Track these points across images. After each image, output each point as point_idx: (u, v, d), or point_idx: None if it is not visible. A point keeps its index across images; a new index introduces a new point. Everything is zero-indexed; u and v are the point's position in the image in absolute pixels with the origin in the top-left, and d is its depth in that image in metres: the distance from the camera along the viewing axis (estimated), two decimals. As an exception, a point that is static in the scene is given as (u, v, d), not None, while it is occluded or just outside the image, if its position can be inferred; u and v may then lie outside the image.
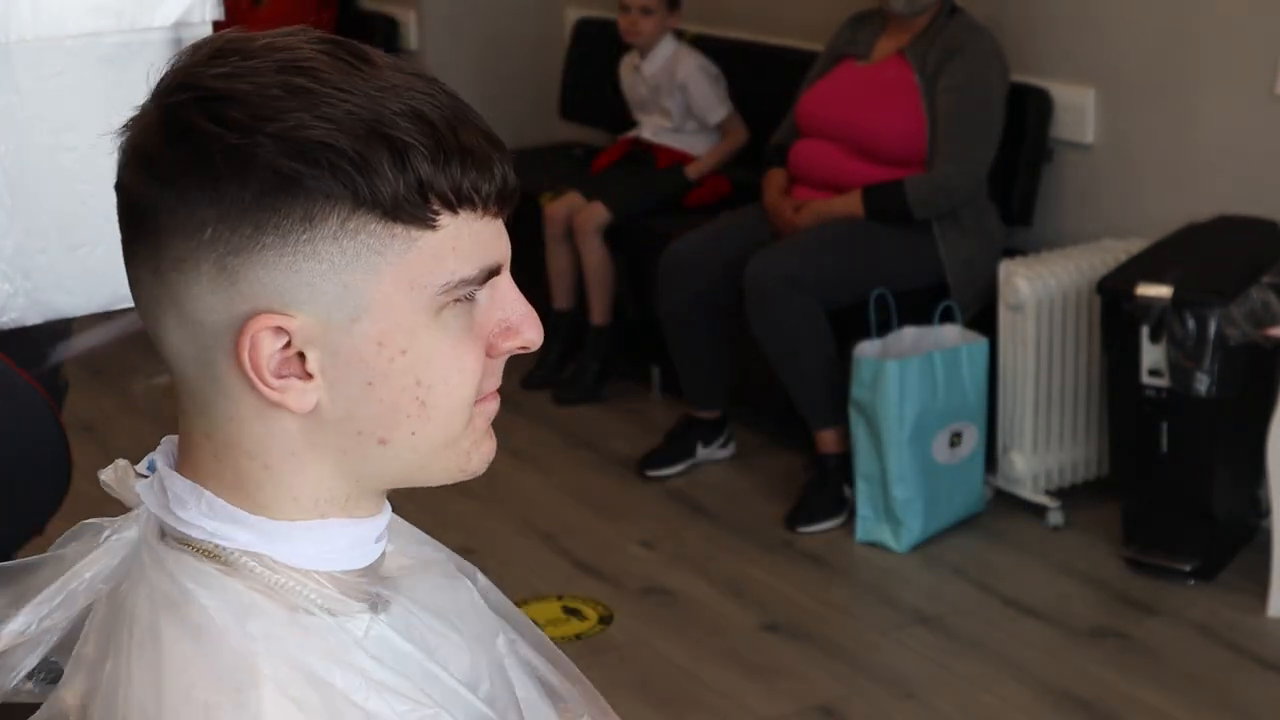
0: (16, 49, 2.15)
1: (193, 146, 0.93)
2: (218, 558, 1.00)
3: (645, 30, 4.83)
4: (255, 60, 0.95)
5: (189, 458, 1.02)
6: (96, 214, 2.25)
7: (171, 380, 1.03)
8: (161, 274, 0.96)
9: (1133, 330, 3.56)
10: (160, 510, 1.03)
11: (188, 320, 0.96)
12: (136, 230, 0.97)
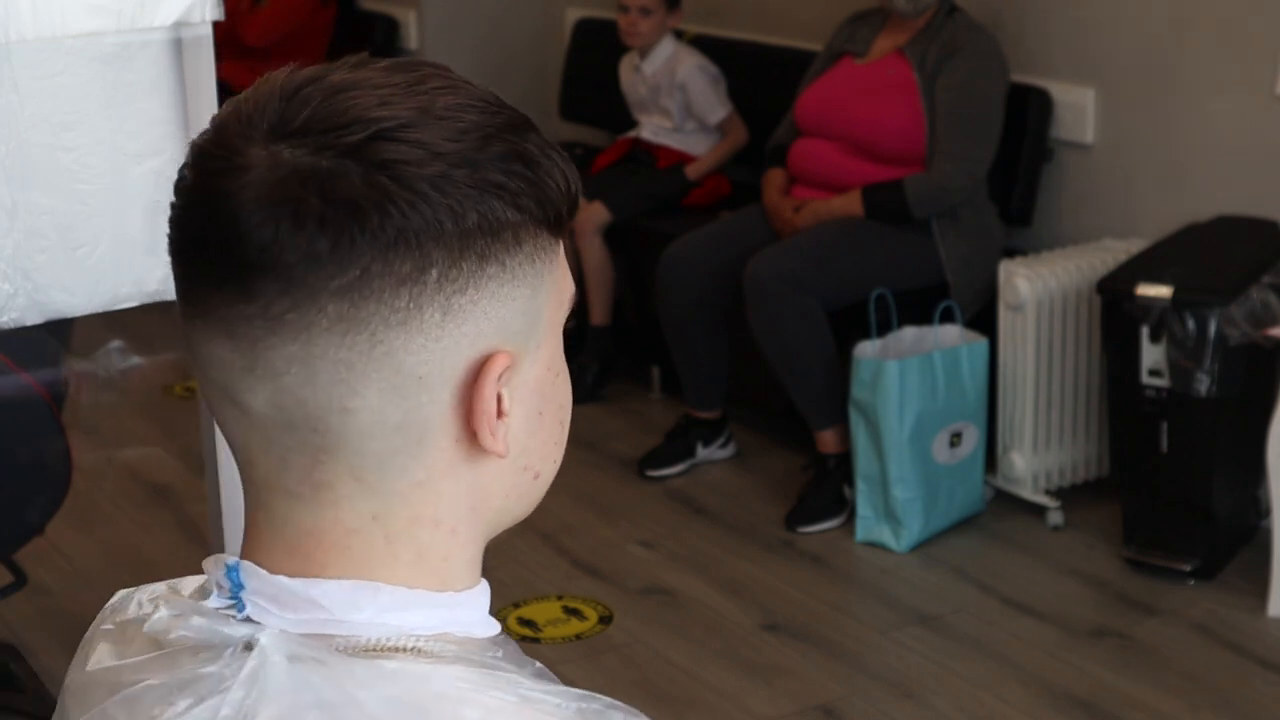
0: (16, 49, 2.15)
1: (399, 184, 0.80)
2: (419, 651, 0.86)
3: (644, 30, 4.83)
4: (359, 90, 0.83)
5: (335, 554, 0.86)
6: (96, 214, 2.25)
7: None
8: (374, 338, 0.81)
9: (1133, 330, 3.56)
10: (317, 626, 0.85)
11: (404, 381, 0.83)
12: (313, 303, 0.81)
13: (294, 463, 0.85)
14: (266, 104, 0.83)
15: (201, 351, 0.85)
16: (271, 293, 0.81)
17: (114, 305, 2.31)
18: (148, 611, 0.90)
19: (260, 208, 0.80)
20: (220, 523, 2.41)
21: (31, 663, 3.44)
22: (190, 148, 0.85)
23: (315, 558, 0.86)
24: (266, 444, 0.85)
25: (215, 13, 2.22)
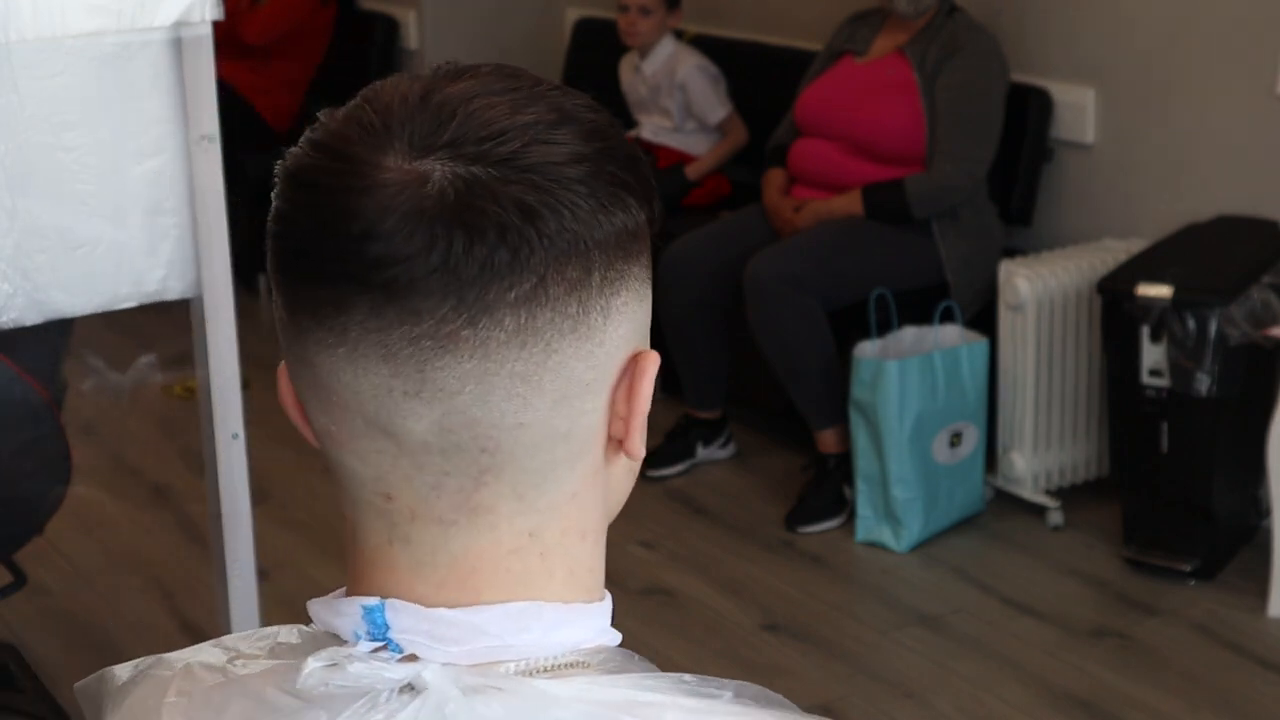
0: (16, 49, 2.15)
1: (561, 187, 0.79)
2: (586, 665, 0.84)
3: (644, 30, 4.83)
4: (488, 97, 0.81)
5: (494, 578, 0.83)
6: (96, 214, 2.25)
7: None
8: (549, 347, 0.79)
9: (1133, 330, 3.56)
10: (482, 655, 0.82)
11: (574, 389, 0.81)
12: (491, 316, 0.78)
13: (449, 488, 0.81)
14: (398, 117, 0.79)
15: (340, 382, 0.80)
16: (445, 310, 0.77)
17: (113, 305, 2.31)
18: (213, 675, 0.86)
19: (428, 224, 0.76)
20: (220, 523, 2.41)
21: (31, 663, 3.44)
22: (295, 166, 0.81)
23: (471, 584, 0.83)
24: (416, 472, 0.81)
25: (215, 13, 2.23)
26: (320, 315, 0.80)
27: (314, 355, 0.81)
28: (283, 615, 3.66)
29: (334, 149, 0.79)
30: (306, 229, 0.79)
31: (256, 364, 5.06)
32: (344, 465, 0.84)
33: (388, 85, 0.82)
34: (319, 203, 0.79)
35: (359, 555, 0.86)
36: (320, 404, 0.83)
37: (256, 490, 2.60)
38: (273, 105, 6.01)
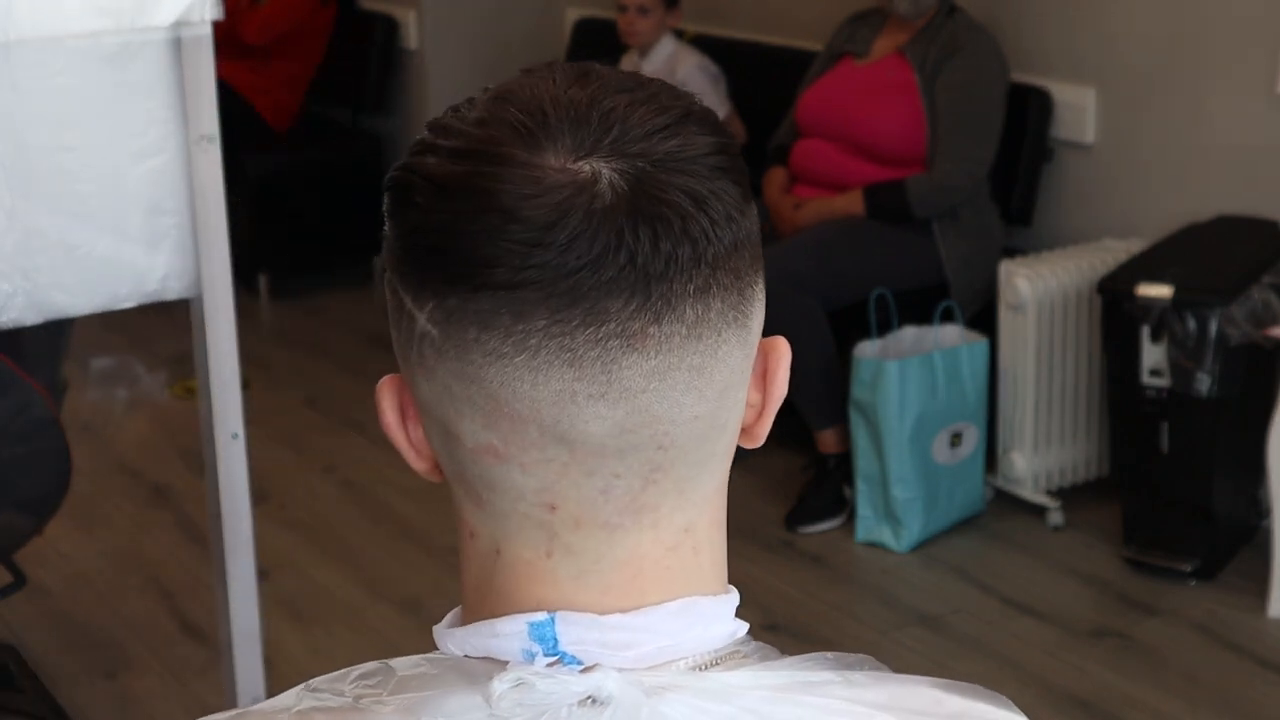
0: (16, 49, 2.15)
1: (726, 180, 0.79)
2: (744, 655, 0.85)
3: (643, 30, 4.83)
4: (621, 95, 0.80)
5: (656, 577, 0.83)
6: (96, 214, 2.25)
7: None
8: (720, 337, 0.80)
9: (1133, 330, 3.56)
10: (653, 656, 0.81)
11: (736, 378, 0.82)
12: (673, 312, 0.78)
13: (618, 490, 0.80)
14: (552, 118, 0.78)
15: (515, 392, 0.78)
16: (632, 308, 0.76)
17: (113, 305, 2.31)
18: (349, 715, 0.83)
19: (611, 222, 0.76)
20: (220, 523, 2.41)
21: (31, 663, 3.44)
22: (443, 175, 0.78)
23: (636, 586, 0.82)
24: (585, 478, 0.80)
25: (215, 13, 2.22)
26: (493, 325, 0.77)
27: (483, 368, 0.78)
28: (283, 615, 3.68)
29: (488, 154, 0.77)
30: (471, 239, 0.76)
31: (256, 364, 5.08)
32: (500, 481, 0.81)
33: (519, 86, 0.80)
34: (484, 211, 0.76)
35: (506, 572, 0.84)
36: (484, 418, 0.80)
37: (256, 490, 2.60)
38: (273, 105, 6.01)
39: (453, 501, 0.86)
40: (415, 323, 0.79)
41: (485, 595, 0.85)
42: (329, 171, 6.03)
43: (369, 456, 4.52)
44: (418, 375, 0.81)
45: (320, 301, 5.88)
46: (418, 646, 3.05)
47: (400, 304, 0.81)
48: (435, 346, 0.79)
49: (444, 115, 0.81)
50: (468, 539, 0.86)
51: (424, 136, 0.80)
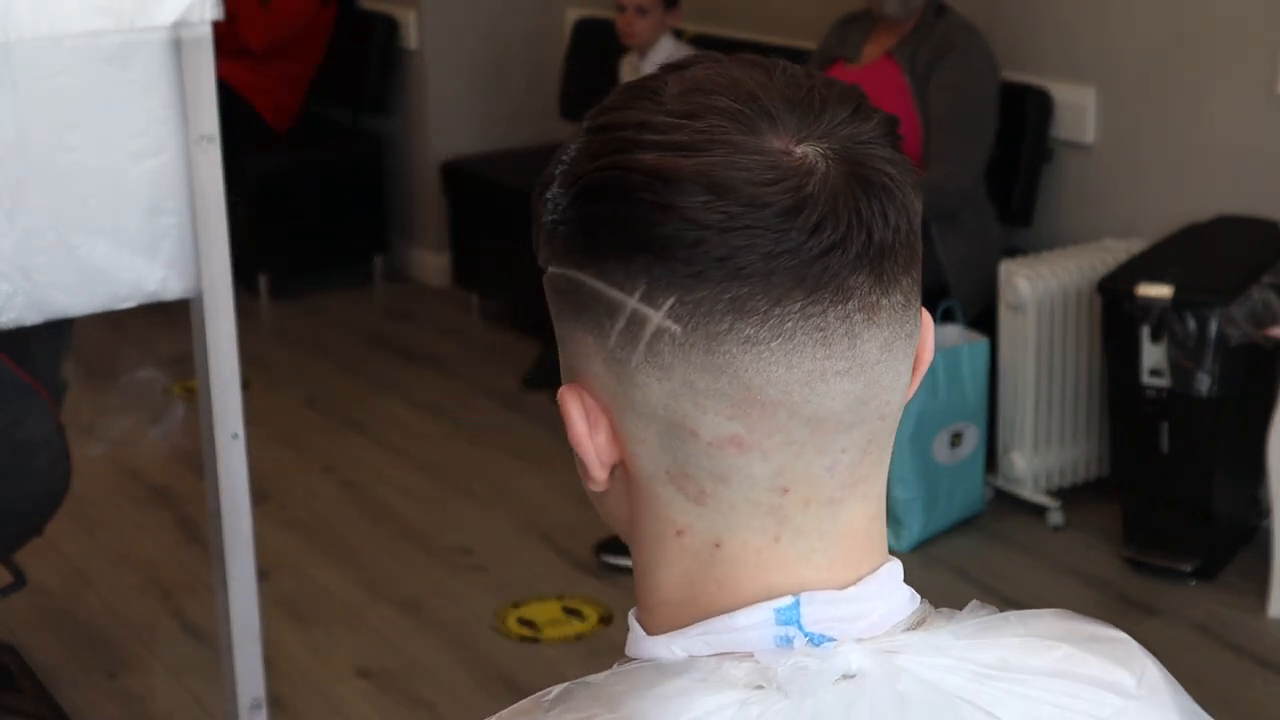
0: (16, 49, 2.14)
1: (898, 153, 0.82)
2: (924, 611, 0.87)
3: (641, 30, 4.82)
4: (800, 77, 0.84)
5: (866, 547, 0.85)
6: (96, 214, 2.25)
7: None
8: (910, 305, 0.82)
9: (1133, 330, 3.56)
10: (878, 623, 0.84)
11: (913, 345, 0.84)
12: (895, 284, 0.81)
13: (842, 465, 0.82)
14: (765, 106, 0.79)
15: (767, 377, 0.79)
16: (870, 283, 0.79)
17: (113, 305, 2.31)
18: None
19: (850, 203, 0.78)
20: (220, 523, 2.41)
21: (31, 663, 3.44)
22: (670, 169, 0.77)
23: (853, 558, 0.84)
24: (817, 456, 0.81)
25: (215, 13, 2.22)
26: (749, 313, 0.78)
27: (736, 357, 0.78)
28: (283, 615, 3.68)
29: (716, 143, 0.78)
30: (716, 229, 0.77)
31: (256, 364, 5.08)
32: (737, 471, 0.81)
33: (705, 78, 0.81)
34: (726, 200, 0.77)
35: (727, 565, 0.83)
36: (731, 408, 0.80)
37: (256, 490, 2.60)
38: (273, 105, 6.01)
39: (639, 505, 0.85)
40: (644, 324, 0.79)
41: (698, 593, 0.84)
42: (329, 171, 6.03)
43: (369, 456, 4.52)
44: (642, 377, 0.80)
45: (320, 301, 5.88)
46: (418, 646, 3.08)
47: (612, 309, 0.80)
48: (676, 342, 0.79)
49: (618, 114, 0.80)
50: (671, 539, 0.84)
51: (617, 135, 0.79)
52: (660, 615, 0.85)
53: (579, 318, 0.82)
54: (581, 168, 0.80)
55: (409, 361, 5.29)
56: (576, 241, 0.81)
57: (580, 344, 0.82)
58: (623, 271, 0.79)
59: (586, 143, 0.81)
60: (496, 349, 5.36)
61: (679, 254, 0.77)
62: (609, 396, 0.82)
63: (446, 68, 5.91)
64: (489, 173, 5.58)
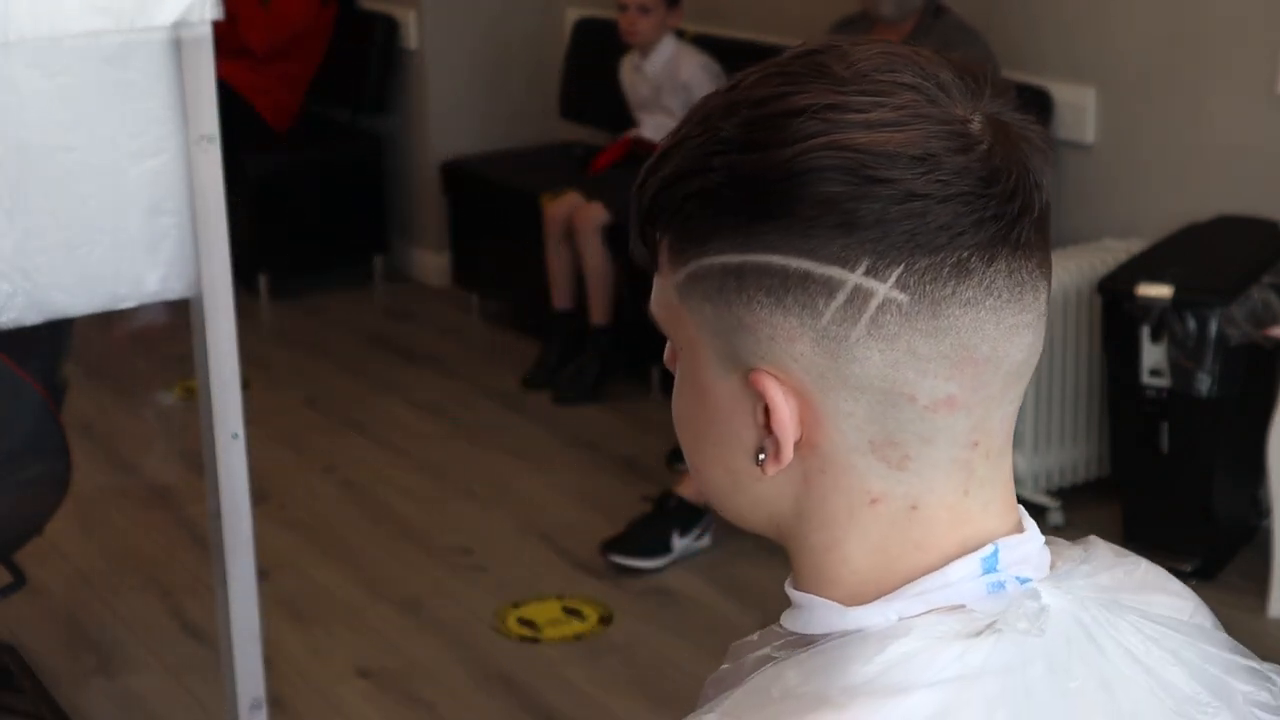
0: (16, 49, 2.14)
1: None
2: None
3: (643, 30, 4.82)
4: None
5: (1007, 493, 0.90)
6: (96, 214, 2.25)
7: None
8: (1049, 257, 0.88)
9: (1133, 330, 3.56)
10: (1044, 560, 0.90)
11: None
12: (1046, 239, 0.87)
13: (1009, 416, 0.88)
14: (942, 82, 0.83)
15: (983, 336, 0.84)
16: (1042, 240, 0.85)
17: (113, 305, 2.31)
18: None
19: (1038, 163, 0.84)
20: (220, 523, 2.41)
21: (31, 663, 3.44)
22: (904, 141, 0.81)
23: (1010, 503, 0.89)
24: (997, 408, 0.86)
25: (215, 13, 2.22)
26: (968, 276, 0.82)
27: (958, 319, 0.83)
28: (283, 615, 3.68)
29: (921, 116, 0.82)
30: (937, 199, 0.81)
31: (256, 364, 5.08)
32: (944, 431, 0.85)
33: (868, 62, 0.83)
34: (939, 171, 0.81)
35: (923, 525, 0.87)
36: (948, 370, 0.84)
37: (256, 490, 2.60)
38: (273, 105, 6.01)
39: (828, 480, 0.87)
40: (869, 298, 0.82)
41: (894, 557, 0.87)
42: (329, 171, 6.03)
43: (369, 456, 4.52)
44: (862, 351, 0.83)
45: (320, 301, 5.88)
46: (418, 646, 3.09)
47: (829, 287, 0.82)
48: (901, 312, 0.82)
49: (794, 99, 0.82)
50: (865, 509, 0.87)
51: (813, 118, 0.81)
52: (851, 586, 0.88)
53: (778, 302, 0.83)
54: (775, 155, 0.81)
55: (409, 361, 5.29)
56: (769, 226, 0.82)
57: (778, 328, 0.83)
58: (840, 249, 0.81)
59: (752, 129, 0.82)
60: (496, 349, 5.36)
61: (904, 225, 0.80)
62: (814, 375, 0.84)
63: (446, 68, 5.91)
64: (489, 173, 5.58)
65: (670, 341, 0.92)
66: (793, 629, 0.91)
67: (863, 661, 0.83)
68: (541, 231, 4.93)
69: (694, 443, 0.91)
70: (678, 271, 0.87)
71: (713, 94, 0.87)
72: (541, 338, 5.13)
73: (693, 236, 0.85)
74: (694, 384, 0.89)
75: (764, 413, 0.85)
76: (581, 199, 4.85)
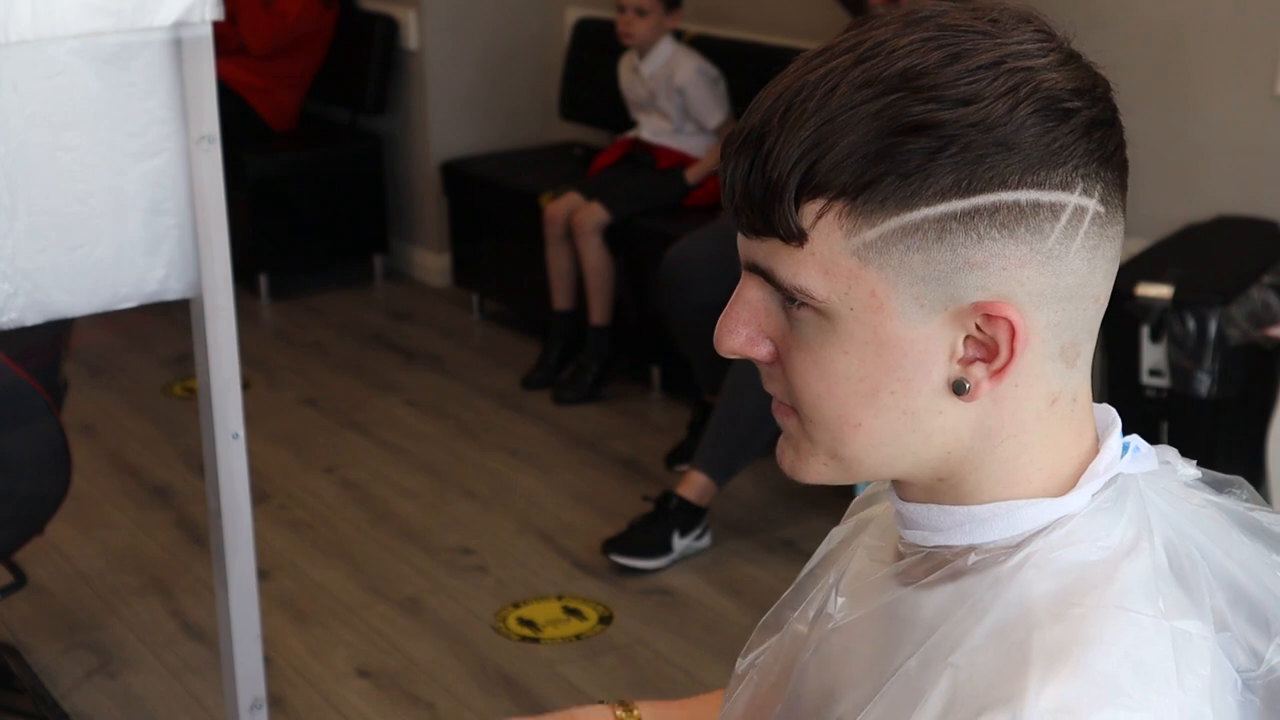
0: (16, 49, 2.14)
1: None
2: None
3: (640, 31, 4.82)
4: None
5: None
6: (96, 214, 2.25)
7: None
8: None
9: (1133, 330, 3.56)
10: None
11: None
12: None
13: None
14: (1029, 49, 1.00)
15: (1120, 237, 1.02)
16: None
17: (114, 305, 2.31)
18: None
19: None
20: (220, 523, 2.41)
21: (31, 663, 3.44)
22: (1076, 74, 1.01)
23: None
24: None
25: (215, 13, 2.22)
26: (1122, 185, 1.04)
27: (1120, 224, 1.02)
28: (283, 615, 3.68)
29: (1062, 50, 1.03)
30: (1109, 125, 1.03)
31: (256, 364, 5.08)
32: (1097, 327, 1.00)
33: (1007, 9, 1.00)
34: (1101, 104, 1.03)
35: (1083, 413, 1.01)
36: (1112, 269, 1.00)
37: (256, 490, 2.60)
38: (272, 104, 6.01)
39: (1020, 392, 0.96)
40: (1084, 214, 0.97)
41: (1067, 446, 0.99)
42: (329, 171, 6.03)
43: (369, 456, 4.52)
44: (1078, 262, 0.96)
45: (320, 301, 5.88)
46: (418, 646, 3.09)
47: (1055, 211, 0.94)
48: (1103, 221, 0.99)
49: (981, 54, 0.94)
50: (1046, 410, 0.98)
51: (1009, 67, 0.95)
52: (1038, 483, 0.98)
53: (1010, 234, 0.92)
54: (994, 106, 0.91)
55: (409, 361, 5.29)
56: (995, 169, 0.91)
57: (1010, 258, 0.92)
58: (1062, 176, 0.95)
59: (954, 87, 0.91)
60: (496, 349, 5.36)
61: (1100, 150, 0.99)
62: (1034, 294, 0.94)
63: (446, 68, 5.91)
64: (489, 173, 5.58)
65: (795, 316, 0.96)
66: (978, 541, 0.98)
67: (1100, 559, 0.95)
68: (541, 231, 4.93)
69: (858, 401, 0.96)
70: (861, 233, 0.92)
71: (826, 60, 0.93)
72: (541, 338, 5.13)
73: (890, 196, 0.91)
74: (865, 342, 0.94)
75: (965, 344, 0.94)
76: (581, 199, 4.85)
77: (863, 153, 0.90)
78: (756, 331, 0.98)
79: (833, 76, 0.91)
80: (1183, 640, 0.92)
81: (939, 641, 0.94)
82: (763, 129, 0.92)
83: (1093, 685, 0.88)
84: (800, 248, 0.93)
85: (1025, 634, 0.90)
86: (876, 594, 1.02)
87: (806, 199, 0.92)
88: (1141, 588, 0.94)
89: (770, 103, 0.93)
